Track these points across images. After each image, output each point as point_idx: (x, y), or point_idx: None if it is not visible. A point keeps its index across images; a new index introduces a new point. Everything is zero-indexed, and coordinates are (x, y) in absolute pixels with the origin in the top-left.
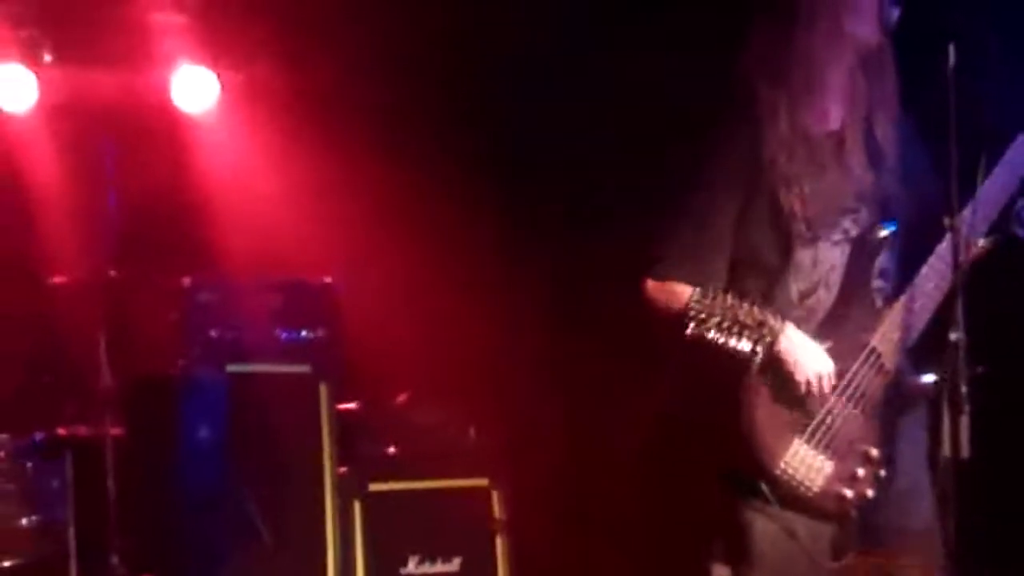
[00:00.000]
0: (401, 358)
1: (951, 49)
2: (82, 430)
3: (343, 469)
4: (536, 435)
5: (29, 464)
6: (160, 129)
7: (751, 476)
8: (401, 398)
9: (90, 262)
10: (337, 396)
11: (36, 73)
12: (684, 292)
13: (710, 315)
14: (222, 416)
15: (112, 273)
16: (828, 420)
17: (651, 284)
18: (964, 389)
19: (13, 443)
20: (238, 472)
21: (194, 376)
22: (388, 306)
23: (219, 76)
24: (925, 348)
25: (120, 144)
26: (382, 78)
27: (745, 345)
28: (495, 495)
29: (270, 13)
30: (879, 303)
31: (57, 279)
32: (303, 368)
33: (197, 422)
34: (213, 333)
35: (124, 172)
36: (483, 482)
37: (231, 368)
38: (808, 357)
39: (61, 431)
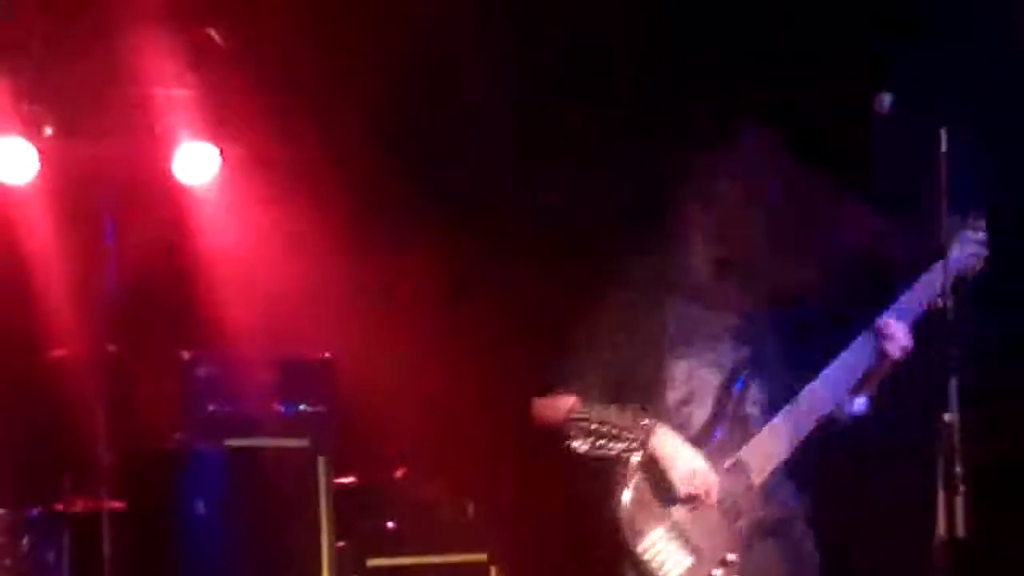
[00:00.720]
0: (400, 432)
1: (943, 134)
2: (79, 504)
3: (341, 543)
4: (535, 509)
5: (26, 539)
6: (161, 202)
7: (616, 554)
8: (399, 473)
9: (89, 335)
10: (336, 470)
11: (37, 146)
12: (566, 403)
13: (590, 421)
14: (221, 490)
15: (111, 347)
16: (692, 518)
17: (537, 402)
18: (959, 469)
19: (10, 518)
20: (236, 546)
21: (193, 450)
22: (387, 381)
23: (221, 150)
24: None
25: (120, 217)
26: (384, 151)
27: (622, 445)
28: (494, 570)
29: (271, 87)
30: (751, 426)
31: (56, 352)
32: (302, 442)
33: (195, 496)
34: (212, 407)
35: (124, 245)
36: (482, 557)
37: (230, 442)
38: (680, 457)
39: (58, 506)
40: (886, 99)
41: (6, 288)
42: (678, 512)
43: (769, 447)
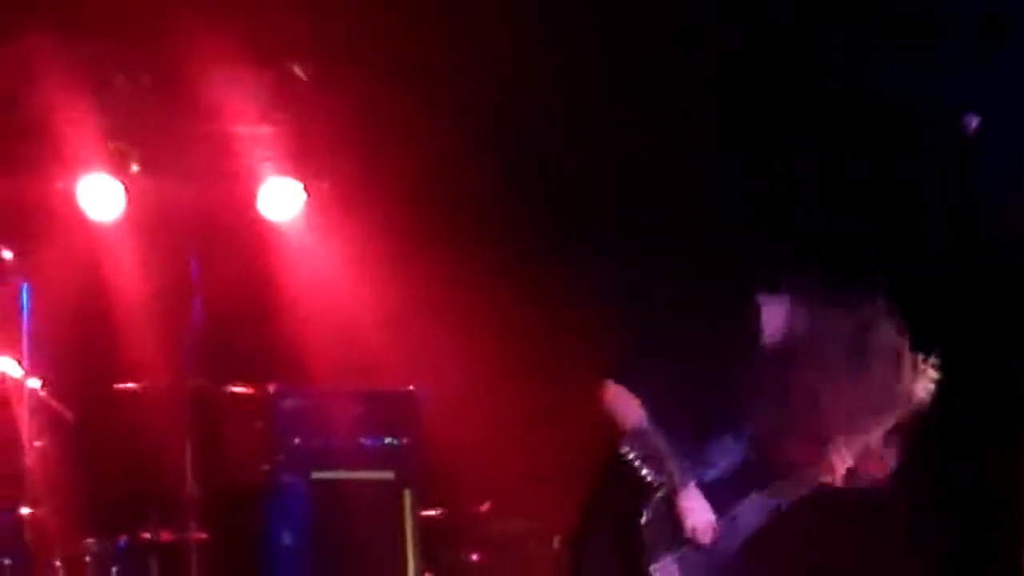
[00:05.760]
0: (485, 466)
1: None
2: (167, 535)
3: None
4: None
5: (114, 568)
6: (246, 238)
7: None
8: (485, 506)
9: (176, 370)
10: (421, 503)
11: (124, 183)
12: (637, 413)
13: (647, 443)
14: (306, 522)
15: (198, 381)
16: (694, 555)
17: (614, 390)
18: None
19: (99, 547)
20: None
21: (279, 482)
22: (472, 413)
23: (305, 185)
24: None
25: (206, 253)
26: (467, 183)
27: (656, 476)
28: None
29: (355, 121)
30: (743, 494)
31: (144, 386)
32: (387, 475)
33: (281, 528)
34: (298, 440)
35: (210, 280)
36: None
37: (315, 475)
38: (699, 512)
39: (146, 535)
40: (973, 121)
41: (95, 323)
42: (684, 547)
43: (751, 516)
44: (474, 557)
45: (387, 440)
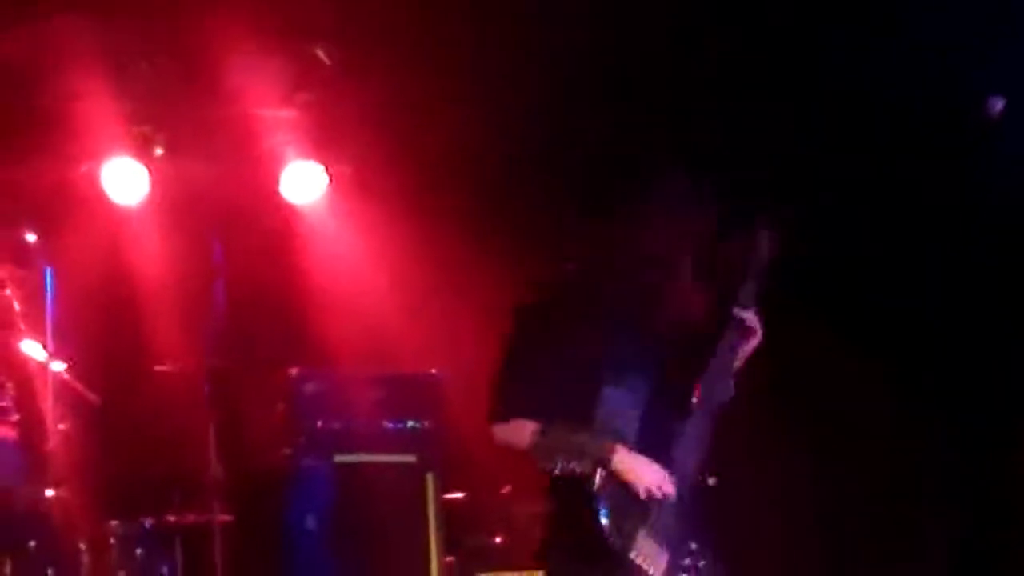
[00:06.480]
0: (507, 449)
1: None
2: (191, 518)
3: (449, 558)
4: None
5: (139, 550)
6: (268, 221)
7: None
8: (506, 489)
9: (199, 353)
10: (443, 486)
11: (148, 167)
12: (527, 428)
13: (553, 444)
14: (329, 505)
15: (220, 364)
16: (659, 518)
17: (498, 429)
18: None
19: (123, 529)
20: (345, 561)
21: (301, 466)
22: None
23: (327, 169)
24: None
25: (228, 236)
26: (489, 167)
27: (586, 463)
28: None
29: (378, 105)
30: (672, 432)
31: (166, 369)
32: (409, 458)
33: (304, 511)
34: (320, 423)
35: (232, 264)
36: None
37: (338, 458)
38: (643, 471)
39: (170, 518)
40: (998, 103)
41: (118, 306)
42: (648, 515)
43: (691, 449)
44: (496, 540)
45: (409, 423)
